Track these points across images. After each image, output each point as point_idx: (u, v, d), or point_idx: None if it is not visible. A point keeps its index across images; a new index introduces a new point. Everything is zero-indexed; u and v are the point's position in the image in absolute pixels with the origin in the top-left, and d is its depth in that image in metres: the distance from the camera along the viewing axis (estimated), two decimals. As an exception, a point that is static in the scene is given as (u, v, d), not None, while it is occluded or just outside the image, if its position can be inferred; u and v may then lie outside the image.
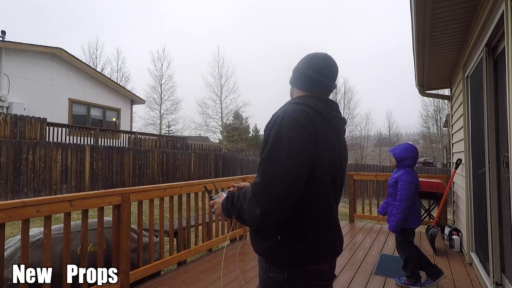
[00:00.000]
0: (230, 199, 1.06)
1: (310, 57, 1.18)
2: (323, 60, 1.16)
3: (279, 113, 1.01)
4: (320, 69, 1.14)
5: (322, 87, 1.14)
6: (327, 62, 1.15)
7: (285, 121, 0.96)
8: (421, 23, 2.68)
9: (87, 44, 43.62)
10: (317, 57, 1.17)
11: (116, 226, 2.54)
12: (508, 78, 1.89)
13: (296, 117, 0.96)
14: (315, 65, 1.15)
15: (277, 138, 0.93)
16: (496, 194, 2.49)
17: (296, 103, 1.05)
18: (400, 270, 3.14)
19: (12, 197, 7.68)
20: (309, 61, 1.16)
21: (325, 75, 1.14)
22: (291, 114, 0.97)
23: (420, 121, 32.72)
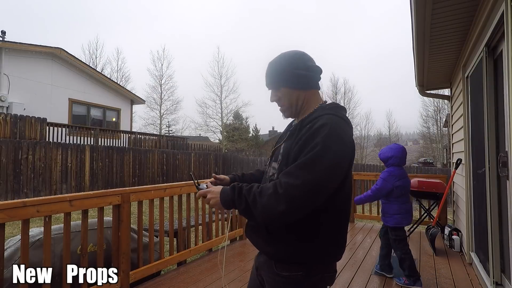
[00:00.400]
0: (237, 190, 0.99)
1: (294, 54, 1.13)
2: (299, 53, 1.15)
3: (323, 123, 0.97)
4: (310, 61, 1.15)
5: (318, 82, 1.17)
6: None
7: (334, 139, 0.94)
8: (421, 23, 2.68)
9: (87, 44, 43.66)
10: (297, 52, 1.14)
11: (116, 226, 2.54)
12: (508, 78, 1.89)
13: (343, 138, 0.98)
14: (304, 57, 1.13)
15: (323, 152, 0.92)
16: (496, 194, 2.49)
17: (337, 116, 1.03)
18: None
19: (12, 197, 7.68)
20: (299, 56, 1.12)
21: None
22: (339, 133, 0.97)
23: (420, 121, 32.76)
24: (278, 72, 1.12)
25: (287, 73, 1.10)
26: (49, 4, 73.25)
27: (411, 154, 44.08)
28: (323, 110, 1.06)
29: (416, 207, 5.78)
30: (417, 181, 4.50)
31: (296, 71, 1.09)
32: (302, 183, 0.89)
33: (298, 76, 1.09)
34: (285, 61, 1.11)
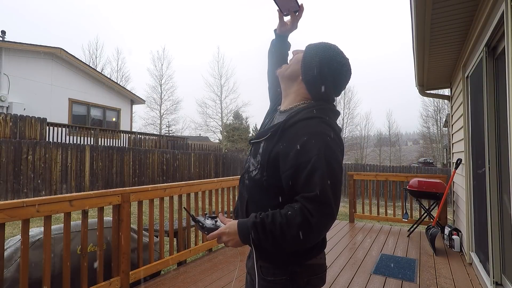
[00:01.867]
0: (260, 226, 0.88)
1: (342, 65, 1.03)
2: (349, 70, 1.06)
3: (313, 132, 0.93)
4: (345, 82, 1.07)
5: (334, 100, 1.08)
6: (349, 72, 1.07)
7: (330, 144, 0.92)
8: (421, 23, 2.68)
9: (87, 44, 43.66)
10: (345, 68, 1.04)
11: (116, 226, 2.54)
12: (508, 78, 1.89)
13: (336, 139, 0.96)
14: (337, 82, 1.04)
15: (326, 161, 0.89)
16: (496, 194, 2.49)
17: (325, 121, 0.99)
18: (400, 270, 3.15)
19: (12, 197, 7.68)
20: (341, 72, 1.03)
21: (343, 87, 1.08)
22: (332, 137, 0.95)
23: (420, 121, 32.78)
24: (314, 50, 1.03)
25: (313, 59, 1.02)
26: (49, 4, 73.28)
27: (411, 154, 44.10)
28: (309, 112, 1.00)
29: (416, 207, 5.79)
30: (417, 181, 4.50)
31: (317, 70, 1.02)
32: (328, 209, 0.86)
33: (312, 72, 1.02)
34: (326, 55, 1.02)
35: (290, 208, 0.89)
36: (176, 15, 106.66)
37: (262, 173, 0.99)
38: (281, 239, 0.87)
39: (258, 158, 1.02)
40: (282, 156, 0.94)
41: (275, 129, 1.01)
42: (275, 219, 0.88)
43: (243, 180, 1.11)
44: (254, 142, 1.09)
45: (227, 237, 0.93)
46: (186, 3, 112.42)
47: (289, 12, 1.16)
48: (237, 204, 1.15)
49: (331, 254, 3.67)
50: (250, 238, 0.90)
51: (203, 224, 0.99)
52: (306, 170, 0.89)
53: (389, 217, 5.39)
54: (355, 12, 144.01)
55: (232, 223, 0.94)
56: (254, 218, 0.91)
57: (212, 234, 0.95)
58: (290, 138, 0.95)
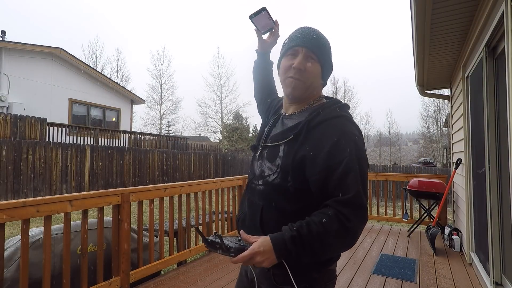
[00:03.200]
0: (298, 241, 0.80)
1: (328, 42, 1.03)
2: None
3: (343, 131, 0.90)
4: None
5: None
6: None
7: (359, 144, 0.90)
8: (421, 23, 2.68)
9: (87, 44, 43.65)
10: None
11: (116, 226, 2.54)
12: (508, 78, 1.89)
13: (362, 138, 0.94)
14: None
15: (359, 163, 0.87)
16: (496, 194, 2.49)
17: (350, 119, 0.97)
18: (400, 270, 3.15)
19: (12, 197, 7.68)
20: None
21: None
22: (359, 136, 0.93)
23: (420, 121, 32.81)
24: (322, 47, 1.00)
25: (330, 57, 1.02)
26: (49, 4, 73.31)
27: (411, 154, 44.10)
28: (332, 111, 0.96)
29: (416, 207, 5.79)
30: (417, 181, 4.50)
31: (331, 63, 1.03)
32: (363, 212, 0.84)
33: (330, 69, 1.03)
34: (330, 45, 1.03)
35: (323, 215, 0.83)
36: (176, 15, 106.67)
37: (285, 177, 0.92)
38: (320, 249, 0.82)
39: (278, 162, 0.95)
40: (310, 159, 0.88)
41: (297, 130, 0.94)
42: (311, 229, 0.80)
43: (253, 186, 1.03)
44: (269, 146, 1.01)
45: (262, 256, 0.80)
46: (186, 3, 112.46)
47: (267, 30, 1.21)
48: (244, 212, 1.04)
49: (331, 254, 3.67)
50: (289, 254, 0.81)
51: (226, 246, 0.83)
52: (338, 172, 0.84)
53: (389, 217, 5.39)
54: (355, 11, 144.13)
55: (264, 241, 0.82)
56: (290, 231, 0.82)
57: (243, 255, 0.81)
58: (317, 140, 0.90)
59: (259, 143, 1.09)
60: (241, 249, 0.83)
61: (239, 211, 1.10)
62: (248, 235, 0.87)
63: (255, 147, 1.11)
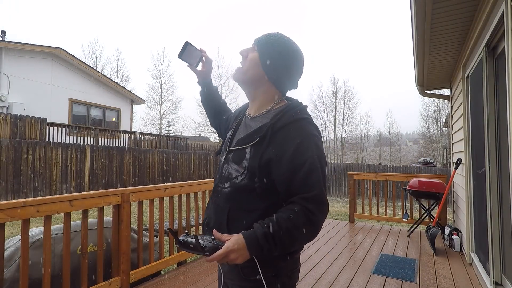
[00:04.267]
0: (271, 238, 0.86)
1: (297, 56, 1.06)
2: (301, 53, 1.08)
3: (305, 133, 0.96)
4: (303, 66, 1.09)
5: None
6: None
7: (319, 145, 0.97)
8: (421, 23, 2.68)
9: (87, 44, 43.63)
10: (300, 58, 1.07)
11: (116, 226, 2.54)
12: (508, 78, 1.89)
13: (320, 139, 1.02)
14: (299, 69, 1.08)
15: (320, 162, 0.94)
16: (496, 194, 2.50)
17: (310, 121, 1.03)
18: (400, 270, 3.15)
19: (12, 197, 7.68)
20: (297, 62, 1.06)
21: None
22: (319, 137, 1.00)
23: (420, 121, 32.83)
24: (270, 43, 1.04)
25: (274, 53, 1.03)
26: (49, 4, 73.31)
27: (411, 154, 44.09)
28: (293, 113, 1.01)
29: (416, 207, 5.79)
30: (417, 181, 4.50)
31: (281, 62, 1.03)
32: (325, 207, 0.92)
33: (276, 67, 1.03)
34: (288, 50, 1.04)
35: (290, 211, 0.89)
36: (176, 15, 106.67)
37: (252, 178, 0.96)
38: (289, 243, 0.89)
39: (245, 164, 0.99)
40: (275, 160, 0.94)
41: (262, 134, 0.98)
42: (281, 225, 0.87)
43: (219, 189, 1.06)
44: (235, 149, 1.04)
45: (236, 254, 0.85)
46: (186, 3, 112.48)
47: (198, 61, 1.25)
48: (209, 216, 1.08)
49: (331, 254, 3.67)
50: (261, 250, 0.86)
51: (201, 245, 0.85)
52: (303, 172, 0.91)
53: (389, 217, 5.39)
54: (355, 12, 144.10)
55: (238, 239, 0.86)
56: (261, 228, 0.87)
57: (218, 253, 0.84)
58: (281, 142, 0.95)
59: (223, 148, 1.14)
60: (216, 248, 0.85)
61: (204, 215, 1.15)
62: (221, 234, 0.91)
63: (219, 152, 1.16)
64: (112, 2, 79.62)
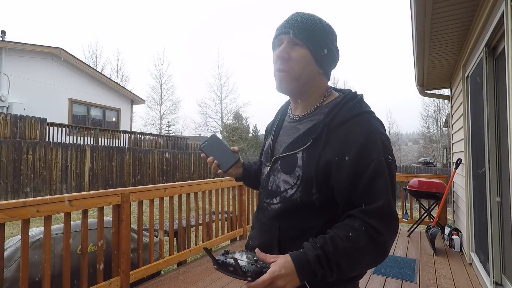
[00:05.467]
0: (325, 262, 0.70)
1: (333, 28, 0.89)
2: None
3: (370, 131, 0.78)
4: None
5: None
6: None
7: (386, 144, 0.79)
8: (421, 23, 2.68)
9: (87, 44, 43.67)
10: (334, 29, 0.90)
11: (116, 226, 2.54)
12: (508, 78, 1.89)
13: (388, 136, 0.83)
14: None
15: (388, 165, 0.77)
16: (496, 194, 2.49)
17: (374, 115, 0.86)
18: (400, 270, 3.15)
19: (12, 197, 7.68)
20: (336, 35, 0.89)
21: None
22: (386, 134, 0.83)
23: (420, 121, 32.80)
24: (309, 29, 0.83)
25: (324, 39, 0.85)
26: (49, 4, 73.35)
27: (411, 154, 44.09)
28: (353, 107, 0.84)
29: (416, 207, 5.78)
30: (417, 181, 4.50)
31: (329, 45, 0.86)
32: (394, 222, 0.74)
33: (327, 52, 0.85)
34: (328, 28, 0.87)
35: (349, 227, 0.73)
36: (176, 15, 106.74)
37: (308, 190, 0.80)
38: (348, 267, 0.72)
39: (298, 172, 0.82)
40: (335, 163, 0.76)
41: (316, 134, 0.81)
42: (337, 246, 0.70)
43: (265, 206, 0.90)
44: (283, 157, 0.87)
45: (283, 280, 0.69)
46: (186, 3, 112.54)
47: (230, 165, 0.99)
48: (253, 237, 0.92)
49: (331, 254, 3.67)
50: (314, 276, 0.71)
51: (242, 269, 0.70)
52: (366, 177, 0.74)
53: (389, 217, 5.38)
54: (355, 12, 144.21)
55: (285, 261, 0.71)
56: (313, 249, 0.71)
57: (263, 279, 0.69)
58: (341, 142, 0.78)
59: (265, 158, 0.97)
60: (259, 272, 0.71)
61: (248, 237, 0.98)
62: (265, 254, 0.76)
63: (261, 162, 1.01)
64: (112, 2, 79.70)
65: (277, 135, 0.96)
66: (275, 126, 0.99)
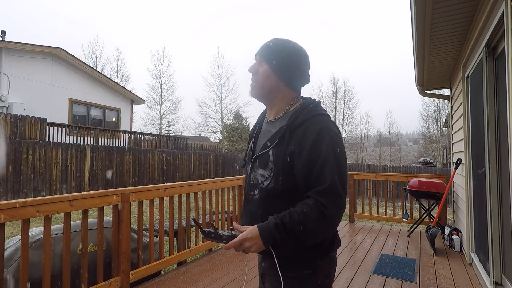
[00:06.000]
0: (281, 227, 0.89)
1: (302, 51, 1.09)
2: (303, 49, 1.11)
3: (320, 128, 0.97)
4: (308, 68, 1.12)
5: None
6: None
7: (335, 138, 0.98)
8: (421, 23, 2.68)
9: (87, 44, 43.61)
10: (305, 52, 1.11)
11: (116, 226, 2.54)
12: (508, 78, 1.89)
13: (338, 132, 1.02)
14: (308, 62, 1.11)
15: (335, 155, 0.95)
16: (496, 194, 2.49)
17: (326, 116, 1.05)
18: (400, 270, 3.15)
19: (12, 197, 7.68)
20: (304, 57, 1.09)
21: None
22: (335, 131, 1.01)
23: (420, 121, 32.80)
24: (275, 50, 1.07)
25: (281, 58, 1.06)
26: (49, 4, 73.33)
27: (411, 154, 44.07)
28: (310, 111, 1.04)
29: (416, 207, 5.79)
30: (417, 181, 4.50)
31: (291, 63, 1.07)
32: (339, 199, 0.91)
33: (288, 69, 1.06)
34: (292, 50, 1.07)
35: (304, 204, 0.91)
36: (176, 15, 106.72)
37: (278, 178, 0.99)
38: (302, 235, 0.90)
39: (271, 166, 1.02)
40: (296, 154, 0.96)
41: (281, 134, 1.02)
42: (293, 218, 0.89)
43: (250, 197, 1.10)
44: (259, 155, 1.07)
45: (250, 242, 0.91)
46: (186, 3, 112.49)
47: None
48: (244, 224, 1.06)
49: (331, 254, 3.67)
50: (274, 240, 0.90)
51: (219, 234, 0.94)
52: (317, 165, 0.93)
53: (389, 217, 5.39)
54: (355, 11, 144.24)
55: (252, 228, 0.92)
56: (273, 219, 0.92)
57: (234, 241, 0.91)
58: (300, 138, 0.98)
59: (247, 158, 1.17)
60: (232, 237, 0.93)
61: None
62: (239, 225, 0.99)
63: (244, 165, 1.19)
64: (112, 2, 79.62)
65: (256, 138, 1.16)
66: (255, 131, 1.19)
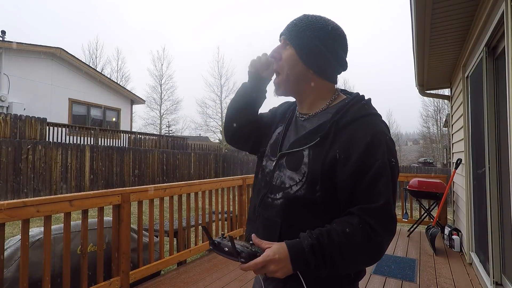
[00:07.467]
0: (319, 252, 0.70)
1: (338, 31, 0.88)
2: (340, 28, 0.89)
3: (375, 132, 0.79)
4: (346, 52, 0.90)
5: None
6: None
7: (391, 146, 0.80)
8: (421, 23, 2.68)
9: (87, 44, 43.67)
10: (342, 32, 0.89)
11: (116, 226, 2.54)
12: (508, 78, 1.89)
13: (394, 148, 0.83)
14: (345, 45, 0.90)
15: (391, 167, 0.78)
16: (496, 194, 2.49)
17: (380, 117, 0.87)
18: (400, 270, 3.15)
19: (12, 197, 7.68)
20: (340, 39, 0.88)
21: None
22: (391, 137, 0.83)
23: (420, 121, 32.81)
24: (303, 29, 0.85)
25: (311, 39, 0.84)
26: (49, 4, 73.40)
27: (411, 154, 44.10)
28: (361, 108, 0.85)
29: (416, 207, 5.78)
30: (417, 181, 4.50)
31: (322, 47, 0.85)
32: (392, 224, 0.75)
33: (320, 53, 0.85)
34: (323, 28, 0.86)
35: (347, 224, 0.73)
36: (176, 15, 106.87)
37: (312, 187, 0.79)
38: (343, 263, 0.72)
39: (304, 169, 0.81)
40: (340, 161, 0.77)
41: (324, 132, 0.82)
42: (333, 239, 0.71)
43: (267, 202, 0.88)
44: (289, 153, 0.87)
45: (276, 265, 0.70)
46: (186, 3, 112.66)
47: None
48: (257, 231, 0.88)
49: (331, 254, 3.67)
50: (307, 265, 0.71)
51: (237, 250, 0.71)
52: (368, 177, 0.74)
53: (389, 217, 5.38)
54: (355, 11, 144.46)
55: (280, 247, 0.72)
56: (309, 239, 0.72)
57: (255, 262, 0.70)
58: (347, 141, 0.78)
59: (269, 151, 0.95)
60: (253, 255, 0.72)
61: (246, 231, 0.96)
62: (260, 240, 0.77)
63: (264, 156, 0.97)
64: (112, 2, 79.67)
65: (286, 130, 0.95)
66: (286, 121, 0.97)
